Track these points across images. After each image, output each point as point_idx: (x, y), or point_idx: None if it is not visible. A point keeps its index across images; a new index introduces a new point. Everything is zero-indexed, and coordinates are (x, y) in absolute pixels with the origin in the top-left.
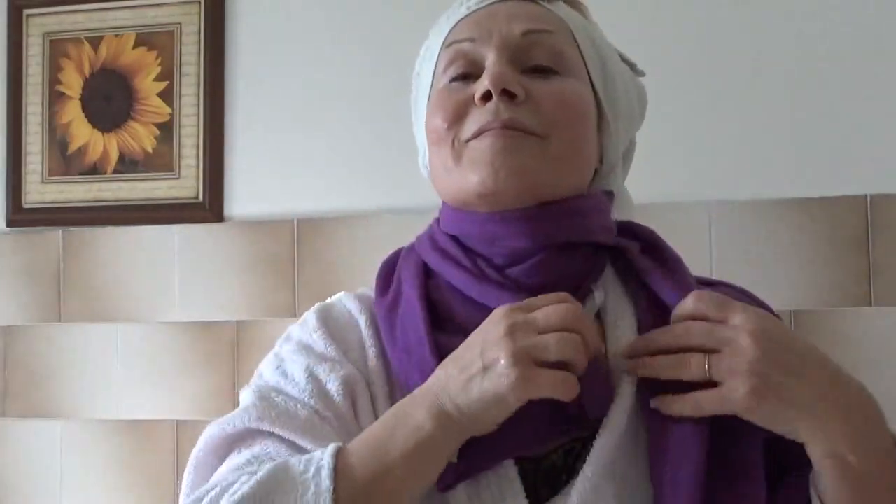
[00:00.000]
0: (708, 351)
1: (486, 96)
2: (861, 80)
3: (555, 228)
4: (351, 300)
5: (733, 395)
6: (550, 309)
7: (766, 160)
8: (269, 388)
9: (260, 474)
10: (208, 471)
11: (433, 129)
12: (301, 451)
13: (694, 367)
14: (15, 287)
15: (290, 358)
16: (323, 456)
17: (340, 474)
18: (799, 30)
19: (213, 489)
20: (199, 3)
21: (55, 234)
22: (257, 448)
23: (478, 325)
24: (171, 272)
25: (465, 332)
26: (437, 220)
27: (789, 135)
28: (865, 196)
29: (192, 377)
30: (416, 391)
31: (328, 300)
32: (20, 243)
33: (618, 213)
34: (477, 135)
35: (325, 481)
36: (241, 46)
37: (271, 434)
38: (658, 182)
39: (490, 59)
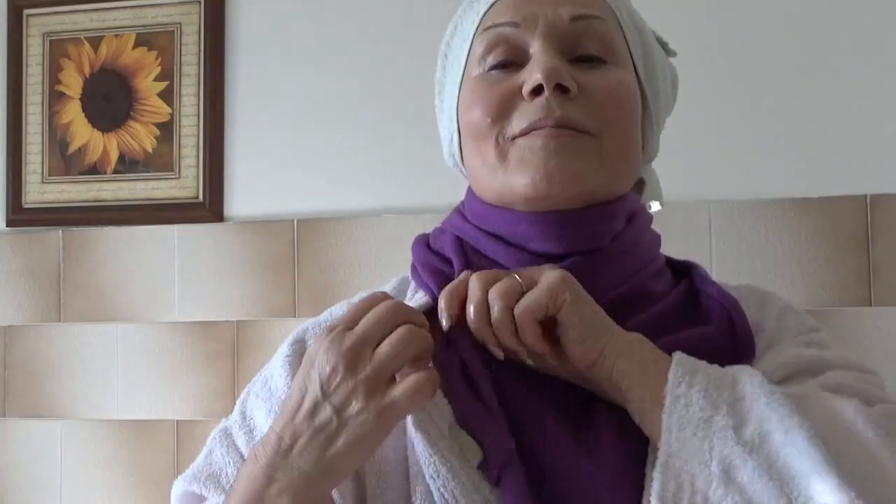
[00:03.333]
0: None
1: (537, 91)
2: (861, 80)
3: (588, 234)
4: (341, 312)
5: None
6: (370, 318)
7: (766, 160)
8: (226, 434)
9: None
10: None
11: (473, 122)
12: None
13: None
14: (15, 287)
15: (254, 393)
16: None
17: None
18: (799, 29)
19: None
20: (199, 3)
21: (55, 234)
22: None
23: None
24: (171, 272)
25: None
26: (460, 213)
27: (789, 135)
28: (865, 196)
29: (192, 377)
30: (261, 461)
31: (310, 320)
32: (20, 243)
33: (646, 197)
34: (526, 132)
35: None
36: (241, 46)
37: (199, 497)
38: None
39: (536, 47)
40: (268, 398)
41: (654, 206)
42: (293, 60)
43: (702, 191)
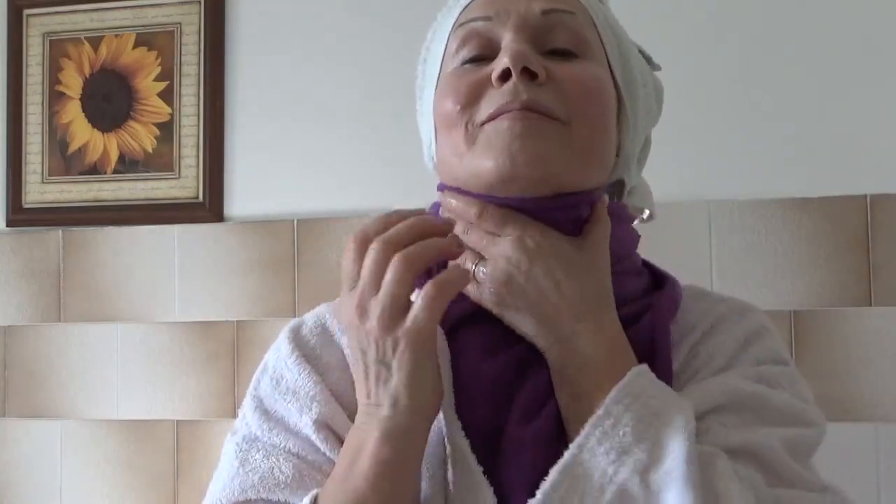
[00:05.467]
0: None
1: (505, 76)
2: (861, 80)
3: (553, 223)
4: (331, 316)
5: (485, 297)
6: (364, 266)
7: (766, 160)
8: (251, 439)
9: None
10: None
11: (443, 112)
12: None
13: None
14: (15, 287)
15: (268, 395)
16: None
17: None
18: (799, 29)
19: None
20: (199, 3)
21: (55, 234)
22: None
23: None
24: (171, 272)
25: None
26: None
27: (789, 135)
28: (865, 196)
29: (192, 377)
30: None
31: (304, 316)
32: (20, 243)
33: (633, 201)
34: (493, 117)
35: None
36: (241, 46)
37: (254, 501)
38: (658, 182)
39: (507, 37)
40: (294, 398)
41: (644, 215)
42: (293, 60)
43: (702, 191)
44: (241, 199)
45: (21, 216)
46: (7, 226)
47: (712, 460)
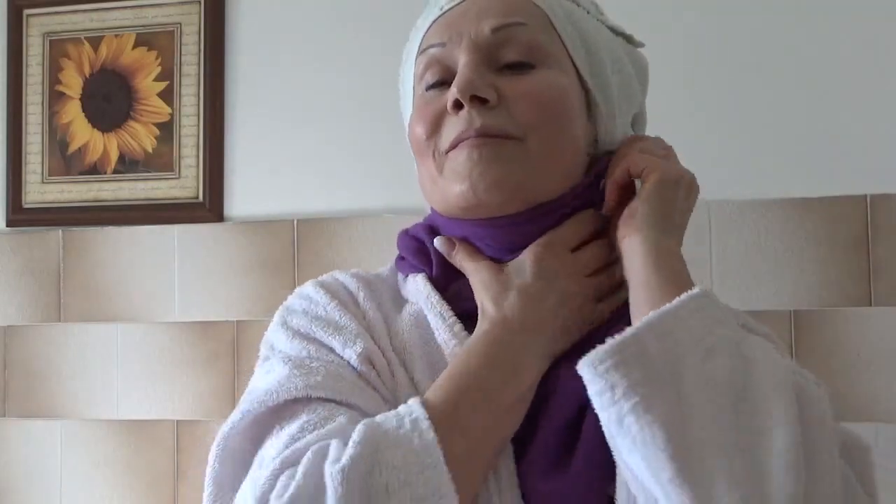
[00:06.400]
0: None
1: (457, 105)
2: (861, 80)
3: (530, 234)
4: (345, 275)
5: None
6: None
7: (767, 160)
8: (295, 357)
9: (355, 435)
10: (241, 459)
11: (415, 139)
12: (357, 413)
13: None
14: (15, 287)
15: (305, 326)
16: (412, 410)
17: (439, 426)
18: (799, 29)
19: (295, 459)
20: (199, 3)
21: (55, 234)
22: (305, 416)
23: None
24: (171, 272)
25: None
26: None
27: (789, 135)
28: (865, 196)
29: (192, 377)
30: (482, 336)
31: (322, 277)
32: (20, 243)
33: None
34: (454, 145)
35: (428, 433)
36: (241, 46)
37: (316, 400)
38: None
39: (461, 62)
40: (336, 332)
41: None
42: (293, 61)
43: (702, 191)
44: (241, 199)
45: (21, 216)
46: (7, 226)
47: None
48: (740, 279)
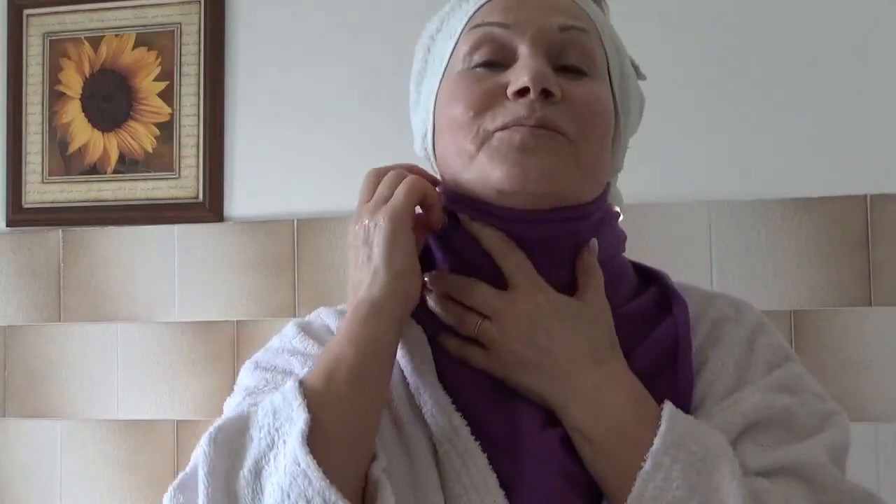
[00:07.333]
0: (484, 315)
1: (522, 92)
2: (861, 80)
3: (559, 233)
4: (330, 315)
5: (494, 362)
6: (385, 181)
7: (766, 160)
8: (252, 392)
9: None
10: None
11: (453, 116)
12: None
13: (467, 326)
14: (15, 287)
15: (268, 359)
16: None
17: (306, 387)
18: (799, 30)
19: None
20: (199, 3)
21: (55, 234)
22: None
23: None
24: (171, 272)
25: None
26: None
27: (790, 135)
28: (865, 196)
29: (192, 377)
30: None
31: (308, 316)
32: (20, 243)
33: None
34: (506, 127)
35: (291, 390)
36: (241, 46)
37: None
38: (658, 182)
39: (524, 51)
40: (295, 357)
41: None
42: (293, 61)
43: (702, 191)
44: (241, 199)
45: (21, 216)
46: (7, 226)
47: (764, 496)
48: (740, 279)
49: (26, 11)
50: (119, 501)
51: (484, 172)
